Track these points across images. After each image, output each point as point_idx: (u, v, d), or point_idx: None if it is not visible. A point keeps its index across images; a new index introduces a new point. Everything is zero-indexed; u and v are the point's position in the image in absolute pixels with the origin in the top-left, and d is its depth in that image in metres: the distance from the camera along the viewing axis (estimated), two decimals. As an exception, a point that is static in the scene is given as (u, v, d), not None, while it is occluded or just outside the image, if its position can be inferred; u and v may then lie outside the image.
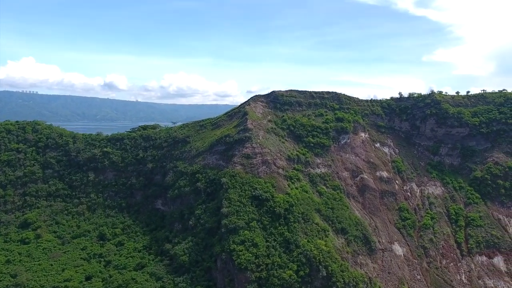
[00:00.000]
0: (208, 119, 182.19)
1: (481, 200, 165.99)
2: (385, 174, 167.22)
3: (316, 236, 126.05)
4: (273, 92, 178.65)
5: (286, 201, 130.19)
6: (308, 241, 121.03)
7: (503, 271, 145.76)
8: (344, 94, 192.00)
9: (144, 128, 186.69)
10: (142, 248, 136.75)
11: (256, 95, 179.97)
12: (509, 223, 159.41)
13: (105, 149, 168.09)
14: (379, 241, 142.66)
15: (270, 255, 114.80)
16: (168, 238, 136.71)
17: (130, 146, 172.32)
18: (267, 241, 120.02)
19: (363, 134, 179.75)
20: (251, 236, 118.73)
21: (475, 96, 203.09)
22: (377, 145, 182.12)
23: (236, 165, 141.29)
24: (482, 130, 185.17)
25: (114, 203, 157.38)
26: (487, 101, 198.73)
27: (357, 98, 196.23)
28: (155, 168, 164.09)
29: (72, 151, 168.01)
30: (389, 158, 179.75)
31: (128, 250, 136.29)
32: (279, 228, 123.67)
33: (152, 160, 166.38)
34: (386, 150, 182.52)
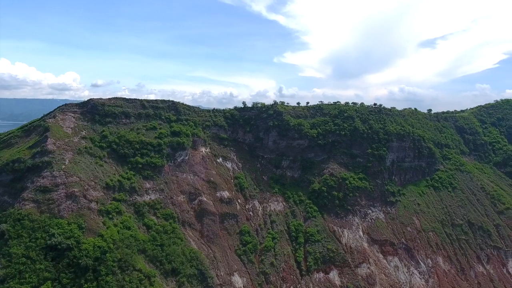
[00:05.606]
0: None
1: (318, 213, 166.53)
2: (226, 194, 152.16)
3: (138, 287, 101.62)
4: (91, 100, 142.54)
5: (98, 247, 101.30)
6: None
7: (338, 285, 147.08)
8: (182, 104, 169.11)
9: None
10: None
11: (67, 104, 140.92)
12: (343, 234, 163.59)
13: None
14: (217, 275, 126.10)
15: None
16: None
17: None
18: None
19: (203, 149, 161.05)
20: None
21: (314, 107, 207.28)
22: (219, 160, 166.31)
23: (27, 202, 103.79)
24: (320, 141, 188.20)
25: None
26: (324, 112, 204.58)
27: (198, 107, 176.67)
28: None
29: None
30: (231, 174, 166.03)
31: None
32: (86, 286, 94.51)
33: None
34: (229, 165, 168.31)
